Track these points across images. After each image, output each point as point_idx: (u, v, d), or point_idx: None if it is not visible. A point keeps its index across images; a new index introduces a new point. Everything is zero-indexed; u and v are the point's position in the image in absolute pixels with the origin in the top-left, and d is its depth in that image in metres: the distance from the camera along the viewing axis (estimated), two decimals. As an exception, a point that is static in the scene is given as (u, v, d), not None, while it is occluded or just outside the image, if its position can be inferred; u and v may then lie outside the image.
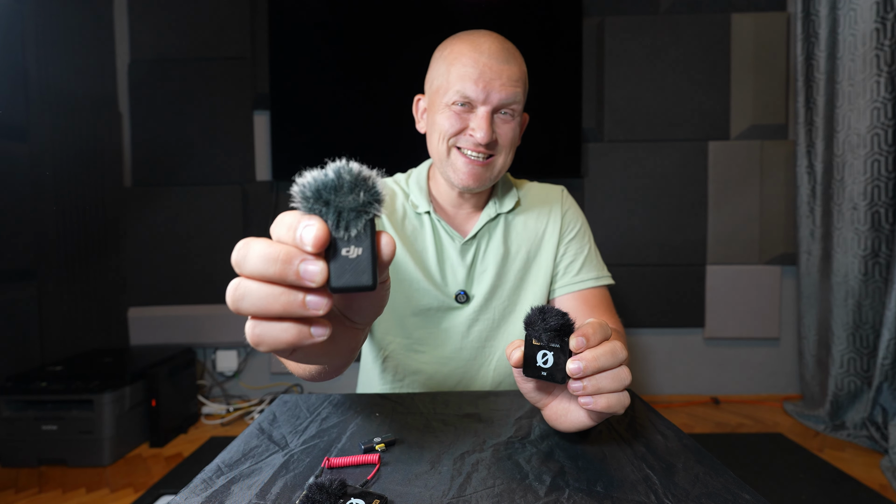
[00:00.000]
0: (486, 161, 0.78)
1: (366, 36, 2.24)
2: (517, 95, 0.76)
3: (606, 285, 0.89)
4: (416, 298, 0.85)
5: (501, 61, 0.75)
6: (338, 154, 0.33)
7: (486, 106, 0.75)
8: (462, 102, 0.76)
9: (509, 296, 0.87)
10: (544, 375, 0.46)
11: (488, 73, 0.74)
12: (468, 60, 0.75)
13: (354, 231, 0.29)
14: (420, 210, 0.86)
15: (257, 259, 0.30)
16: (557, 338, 0.46)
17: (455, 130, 0.77)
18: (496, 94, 0.74)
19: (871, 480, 1.63)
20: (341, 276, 0.29)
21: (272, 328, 0.31)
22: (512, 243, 0.87)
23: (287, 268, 0.29)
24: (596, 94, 2.36)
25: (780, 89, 2.31)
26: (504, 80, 0.75)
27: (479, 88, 0.74)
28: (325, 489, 0.40)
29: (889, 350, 1.81)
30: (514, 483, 0.46)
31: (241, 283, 0.31)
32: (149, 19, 2.34)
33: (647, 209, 2.35)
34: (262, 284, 0.30)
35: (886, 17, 1.87)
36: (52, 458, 1.80)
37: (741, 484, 0.46)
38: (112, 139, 2.33)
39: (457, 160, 0.79)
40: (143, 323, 2.39)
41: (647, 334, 2.42)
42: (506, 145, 0.79)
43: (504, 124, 0.78)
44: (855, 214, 1.99)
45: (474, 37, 0.77)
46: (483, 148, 0.77)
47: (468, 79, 0.74)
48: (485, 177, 0.79)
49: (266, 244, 0.30)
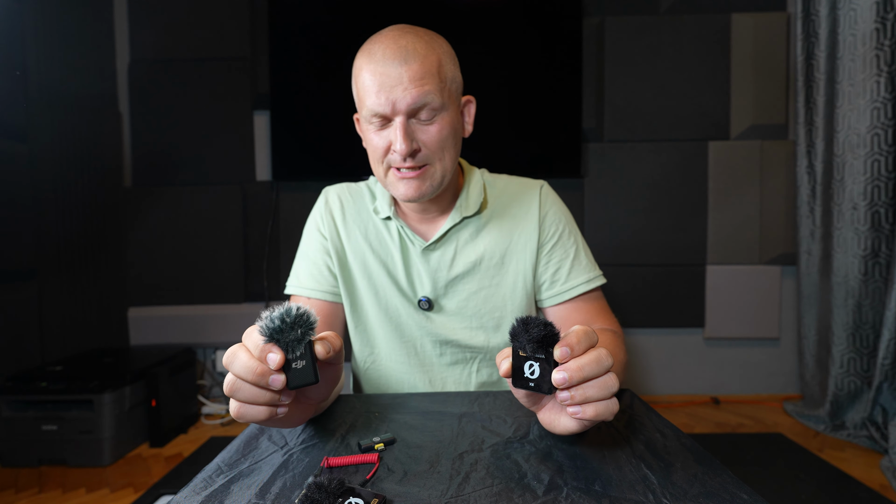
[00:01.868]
0: (419, 171, 0.73)
1: (365, 36, 2.24)
2: (426, 95, 0.69)
3: (599, 286, 0.86)
4: (386, 306, 0.84)
5: (399, 63, 0.68)
6: (338, 154, 0.33)
7: (398, 116, 0.69)
8: (375, 119, 0.71)
9: (487, 303, 0.84)
10: (532, 386, 0.46)
11: (387, 82, 0.68)
12: (366, 73, 0.70)
13: (299, 352, 0.45)
14: (381, 215, 0.84)
15: (242, 369, 0.45)
16: (542, 349, 0.46)
17: (383, 149, 0.73)
18: (401, 100, 0.68)
19: (871, 480, 1.63)
20: (294, 380, 0.45)
21: (251, 409, 0.46)
22: (484, 250, 0.83)
23: (261, 378, 0.45)
24: (596, 94, 2.36)
25: (780, 89, 2.31)
26: (405, 83, 0.68)
27: (382, 101, 0.68)
28: (324, 488, 0.40)
29: (889, 350, 1.81)
30: (513, 482, 0.46)
31: (235, 381, 0.45)
32: (149, 19, 2.34)
33: (647, 209, 2.35)
34: (247, 384, 0.45)
35: (886, 17, 1.87)
36: (52, 458, 1.80)
37: (739, 483, 0.46)
38: (112, 139, 2.33)
39: (392, 178, 0.75)
40: (143, 323, 2.39)
41: (647, 334, 2.42)
42: (434, 150, 0.72)
43: (425, 128, 0.71)
44: (855, 214, 1.99)
45: (370, 44, 0.72)
46: (410, 160, 0.71)
47: (370, 93, 0.69)
48: (425, 187, 0.74)
49: (248, 358, 0.45)
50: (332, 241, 0.85)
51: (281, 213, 2.40)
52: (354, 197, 0.88)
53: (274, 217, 2.39)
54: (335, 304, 0.86)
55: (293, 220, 2.38)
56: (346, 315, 0.88)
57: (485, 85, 2.10)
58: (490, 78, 2.25)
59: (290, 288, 0.87)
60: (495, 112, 2.21)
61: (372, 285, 0.85)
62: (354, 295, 0.86)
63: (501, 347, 0.84)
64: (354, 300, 0.86)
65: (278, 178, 2.35)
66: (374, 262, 0.84)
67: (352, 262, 0.86)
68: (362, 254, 0.85)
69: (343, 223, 0.86)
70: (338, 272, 0.85)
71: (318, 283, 0.85)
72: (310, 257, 0.86)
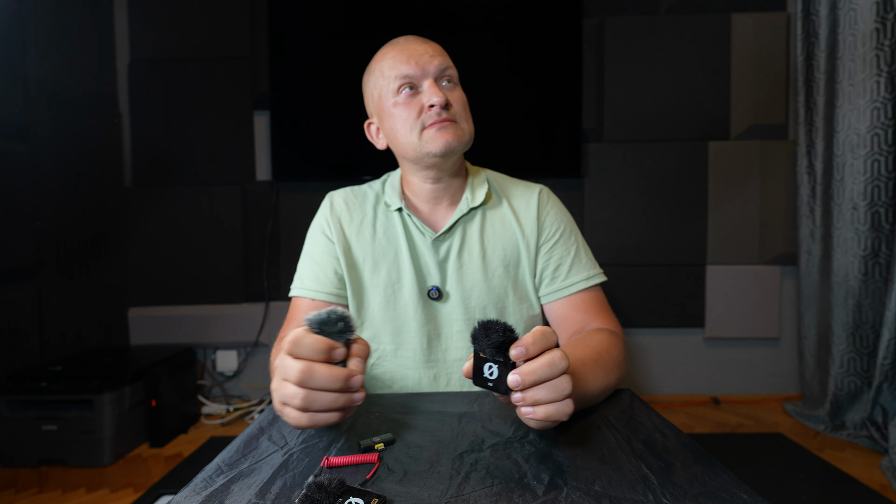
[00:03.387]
0: (453, 123, 0.80)
1: (366, 36, 2.24)
2: (448, 65, 0.82)
3: (599, 283, 0.88)
4: (395, 303, 0.86)
5: (421, 42, 0.82)
6: (338, 154, 0.33)
7: (427, 78, 0.79)
8: (407, 86, 0.80)
9: (493, 294, 0.86)
10: (490, 386, 0.49)
11: (415, 53, 0.80)
12: (393, 54, 0.81)
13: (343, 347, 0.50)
14: (392, 207, 0.87)
15: (326, 380, 0.47)
16: (500, 353, 0.48)
17: (415, 114, 0.79)
18: (430, 64, 0.79)
19: (871, 480, 1.63)
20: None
21: (324, 416, 0.48)
22: (488, 242, 0.87)
23: (345, 384, 0.48)
24: (596, 94, 2.36)
25: (780, 89, 2.31)
26: (431, 52, 0.80)
27: (412, 66, 0.79)
28: (324, 488, 0.40)
29: (889, 350, 1.81)
30: (513, 482, 0.46)
31: (309, 393, 0.47)
32: (149, 19, 2.34)
33: (647, 209, 2.35)
34: (325, 393, 0.47)
35: (886, 17, 1.87)
36: (52, 458, 1.80)
37: (739, 483, 0.46)
38: (112, 139, 2.33)
39: (429, 134, 0.80)
40: (143, 323, 2.39)
41: (647, 334, 2.42)
42: (461, 111, 0.82)
43: (451, 91, 0.82)
44: (855, 214, 1.99)
45: (391, 43, 0.84)
46: (445, 112, 0.79)
47: (400, 64, 0.79)
48: (460, 135, 0.80)
49: (328, 369, 0.47)
50: (339, 244, 0.87)
51: (281, 213, 2.40)
52: (359, 198, 0.91)
53: (274, 217, 2.39)
54: (339, 305, 0.87)
55: (293, 220, 2.38)
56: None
57: (485, 85, 2.10)
58: (490, 78, 2.25)
59: (294, 290, 0.88)
60: (495, 112, 2.21)
61: (380, 283, 0.86)
62: (362, 295, 0.88)
63: None
64: (361, 300, 0.88)
65: (278, 178, 2.34)
66: (382, 259, 0.86)
67: (360, 262, 0.87)
68: (371, 252, 0.87)
69: (350, 224, 0.89)
70: (345, 273, 0.87)
71: (322, 285, 0.86)
72: (315, 259, 0.88)
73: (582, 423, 0.61)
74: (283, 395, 0.48)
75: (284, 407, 0.49)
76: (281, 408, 0.50)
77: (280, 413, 0.50)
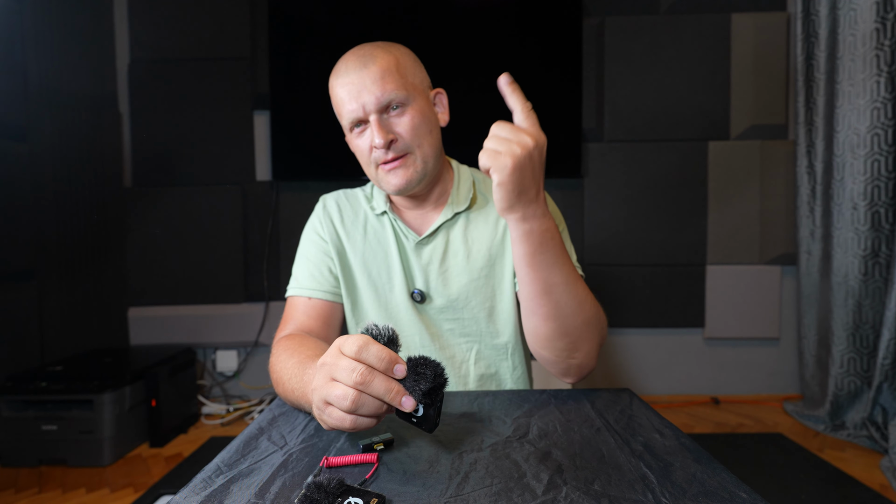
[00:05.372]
0: (401, 160, 0.79)
1: (365, 36, 2.24)
2: (389, 91, 0.76)
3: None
4: (386, 303, 0.88)
5: (359, 69, 0.77)
6: (338, 154, 0.33)
7: (371, 115, 0.77)
8: (355, 125, 0.79)
9: (480, 295, 0.86)
10: (414, 422, 0.50)
11: (353, 88, 0.76)
12: (337, 88, 0.79)
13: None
14: (378, 210, 0.88)
15: (381, 389, 0.47)
16: (428, 397, 0.48)
17: (368, 149, 0.79)
18: (368, 100, 0.76)
19: (871, 480, 1.63)
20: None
21: (364, 420, 0.48)
22: (473, 243, 0.87)
23: (397, 397, 0.48)
24: (596, 94, 2.36)
25: (780, 89, 2.31)
26: (368, 84, 0.76)
27: (354, 106, 0.77)
28: (323, 488, 0.40)
29: (889, 350, 1.81)
30: (512, 482, 0.46)
31: (361, 396, 0.47)
32: (149, 19, 2.34)
33: (647, 209, 2.35)
34: (375, 400, 0.48)
35: (886, 17, 1.87)
36: (52, 458, 1.80)
37: (739, 483, 0.46)
38: (112, 139, 2.33)
39: (381, 174, 0.80)
40: (143, 323, 2.39)
41: (647, 334, 2.42)
42: (410, 138, 0.78)
43: (398, 119, 0.78)
44: (855, 214, 1.99)
45: (337, 65, 0.81)
46: (389, 152, 0.77)
47: (345, 103, 0.77)
48: (410, 173, 0.79)
49: (385, 379, 0.48)
50: (332, 244, 0.89)
51: (281, 213, 2.40)
52: (351, 200, 0.93)
53: (274, 217, 2.39)
54: (334, 304, 0.88)
55: (293, 220, 2.38)
56: (346, 316, 0.90)
57: (485, 85, 2.10)
58: (490, 78, 2.25)
59: (291, 290, 0.89)
60: (495, 112, 2.20)
61: (372, 283, 0.88)
62: (355, 294, 0.89)
63: (496, 337, 0.88)
64: (356, 300, 0.89)
65: (278, 178, 2.35)
66: (373, 260, 0.88)
67: (353, 262, 0.89)
68: (362, 253, 0.88)
69: (342, 225, 0.90)
70: (339, 273, 0.88)
71: (317, 284, 0.87)
72: (310, 259, 0.89)
73: (582, 423, 0.61)
74: (329, 395, 0.48)
75: (327, 406, 0.49)
76: (323, 406, 0.49)
77: (319, 409, 0.50)
